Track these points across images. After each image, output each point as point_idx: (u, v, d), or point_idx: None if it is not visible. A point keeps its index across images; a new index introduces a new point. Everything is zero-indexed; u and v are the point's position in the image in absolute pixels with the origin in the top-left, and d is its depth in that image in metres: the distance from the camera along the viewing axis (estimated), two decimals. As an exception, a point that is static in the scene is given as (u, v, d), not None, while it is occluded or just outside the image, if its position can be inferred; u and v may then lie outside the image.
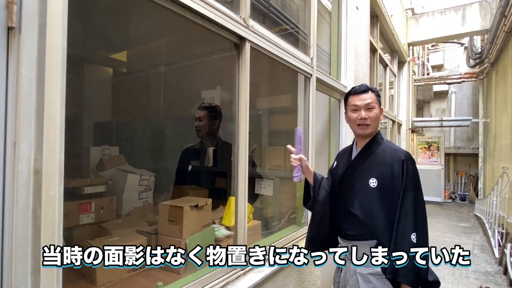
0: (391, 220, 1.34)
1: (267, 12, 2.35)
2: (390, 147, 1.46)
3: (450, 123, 8.57)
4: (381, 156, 1.42)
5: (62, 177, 0.80)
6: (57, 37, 0.78)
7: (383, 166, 1.38)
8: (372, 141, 1.47)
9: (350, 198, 1.44)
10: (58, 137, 0.78)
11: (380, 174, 1.38)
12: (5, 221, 0.71)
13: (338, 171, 1.55)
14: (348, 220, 1.44)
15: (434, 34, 6.81)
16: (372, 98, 1.44)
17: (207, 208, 1.69)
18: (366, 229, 1.38)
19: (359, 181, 1.43)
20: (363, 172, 1.43)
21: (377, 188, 1.37)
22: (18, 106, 0.72)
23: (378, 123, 1.47)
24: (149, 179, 2.28)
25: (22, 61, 0.72)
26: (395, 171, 1.35)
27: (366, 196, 1.39)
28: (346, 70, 3.04)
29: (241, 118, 1.58)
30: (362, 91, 1.46)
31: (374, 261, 1.26)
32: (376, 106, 1.44)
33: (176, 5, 1.20)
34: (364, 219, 1.38)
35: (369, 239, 1.39)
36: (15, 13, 0.71)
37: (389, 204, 1.35)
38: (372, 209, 1.37)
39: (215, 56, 2.84)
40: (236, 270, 1.53)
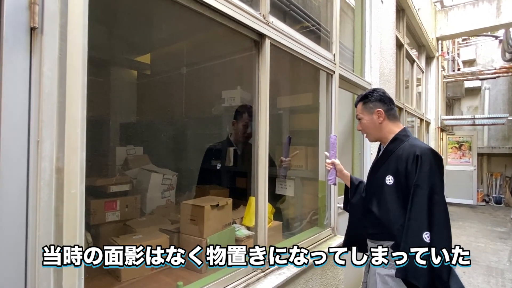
0: (406, 218, 1.32)
1: (288, 10, 2.31)
2: (410, 144, 1.42)
3: (484, 121, 8.06)
4: (399, 153, 1.42)
5: (84, 175, 0.80)
6: (78, 37, 0.79)
7: (399, 163, 1.38)
8: (394, 139, 1.48)
9: (370, 196, 1.47)
10: (79, 136, 0.79)
11: (396, 171, 1.38)
12: (29, 219, 0.72)
13: (369, 171, 1.61)
14: (368, 218, 1.47)
15: (466, 27, 6.43)
16: (359, 109, 1.55)
17: (228, 207, 1.68)
18: (384, 227, 1.38)
19: (378, 179, 1.46)
20: (384, 171, 1.45)
21: (393, 185, 1.37)
22: (41, 106, 0.73)
23: (375, 127, 1.51)
24: (171, 178, 2.32)
25: (44, 61, 0.73)
26: (408, 167, 1.34)
27: (383, 193, 1.40)
28: (370, 66, 2.93)
29: (261, 117, 1.55)
30: (355, 105, 1.59)
31: (392, 262, 1.25)
32: (363, 116, 1.53)
33: (196, 3, 1.19)
34: (381, 217, 1.39)
35: (388, 239, 1.38)
36: (37, 14, 0.72)
37: (403, 201, 1.33)
38: (388, 206, 1.36)
39: (235, 56, 2.84)
40: (256, 271, 1.50)
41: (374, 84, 2.94)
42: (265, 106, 1.56)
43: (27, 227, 0.72)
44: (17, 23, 0.70)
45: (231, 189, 2.13)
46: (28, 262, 0.72)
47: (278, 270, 1.61)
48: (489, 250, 4.74)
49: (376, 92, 1.55)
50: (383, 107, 1.51)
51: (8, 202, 0.69)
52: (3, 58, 0.68)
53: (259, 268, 1.51)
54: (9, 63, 0.69)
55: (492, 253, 4.63)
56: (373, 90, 1.56)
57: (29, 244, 0.72)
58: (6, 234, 0.69)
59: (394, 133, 1.49)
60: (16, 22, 0.70)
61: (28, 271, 0.72)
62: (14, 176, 0.70)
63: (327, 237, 2.19)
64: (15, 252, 0.70)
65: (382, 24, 3.09)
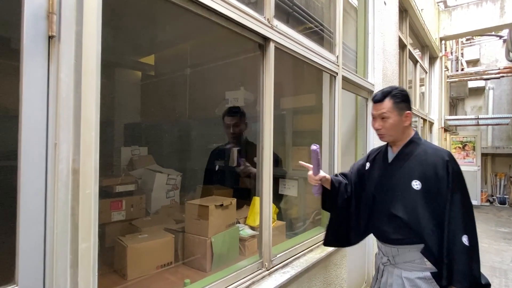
0: (437, 223, 1.30)
1: (291, 11, 2.34)
2: (431, 147, 1.42)
3: (488, 121, 8.03)
4: (423, 157, 1.38)
5: (98, 176, 0.84)
6: (92, 44, 0.83)
7: (426, 168, 1.35)
8: (410, 142, 1.45)
9: (392, 201, 1.40)
10: (94, 138, 0.82)
11: (424, 176, 1.34)
12: (47, 218, 0.75)
13: (374, 174, 1.53)
14: (391, 224, 1.40)
15: (469, 27, 6.41)
16: (387, 106, 1.41)
17: (232, 207, 1.70)
18: (412, 232, 1.34)
19: (401, 183, 1.39)
20: (405, 174, 1.39)
21: (421, 190, 1.33)
22: (58, 110, 0.76)
23: (398, 129, 1.42)
24: (176, 179, 2.35)
25: (62, 68, 0.77)
26: (439, 172, 1.31)
27: (410, 198, 1.35)
28: (373, 67, 2.95)
29: (265, 119, 1.58)
30: (377, 100, 1.44)
31: (423, 265, 1.29)
32: (391, 114, 1.40)
33: (202, 8, 1.22)
34: (410, 222, 1.34)
35: (415, 242, 1.35)
36: (55, 23, 0.75)
37: (434, 206, 1.31)
38: (417, 211, 1.33)
39: (238, 57, 2.86)
40: (261, 270, 1.53)
41: (377, 85, 2.96)
42: (270, 108, 1.59)
43: (45, 225, 0.75)
44: (36, 32, 0.74)
45: (234, 189, 2.16)
46: (47, 259, 0.75)
47: (282, 269, 1.64)
48: (493, 251, 4.73)
49: (404, 91, 1.46)
50: (410, 109, 1.46)
51: (28, 202, 0.73)
52: (24, 65, 0.72)
53: (264, 267, 1.55)
54: (29, 70, 0.73)
55: (496, 253, 4.62)
56: (398, 88, 1.46)
57: (47, 242, 0.75)
58: (27, 232, 0.72)
59: (410, 136, 1.46)
60: (35, 31, 0.74)
61: (46, 268, 0.76)
62: (34, 177, 0.73)
63: (330, 237, 2.21)
64: (35, 250, 0.74)
65: (385, 25, 3.11)
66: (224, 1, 1.28)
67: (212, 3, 1.23)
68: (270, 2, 1.58)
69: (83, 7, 0.81)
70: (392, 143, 1.49)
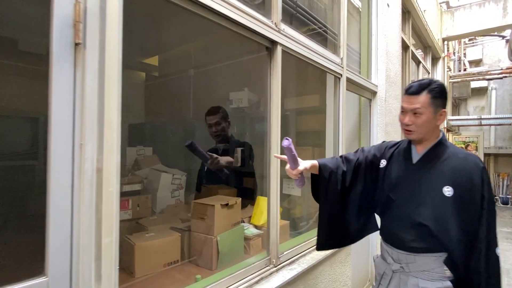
0: (465, 232, 1.21)
1: (294, 12, 2.38)
2: (461, 152, 1.31)
3: (491, 121, 8.04)
4: (455, 161, 1.27)
5: (119, 175, 0.89)
6: (114, 50, 0.88)
7: (459, 173, 1.24)
8: (439, 144, 1.32)
9: (417, 207, 1.28)
10: (116, 139, 0.87)
11: (456, 182, 1.23)
12: (74, 215, 0.80)
13: (392, 174, 1.38)
14: (413, 231, 1.28)
15: (472, 27, 6.44)
16: (423, 101, 1.25)
17: (237, 207, 1.73)
18: (437, 241, 1.24)
19: (429, 188, 1.27)
20: (435, 179, 1.27)
21: (452, 197, 1.23)
22: (84, 113, 0.81)
23: (430, 128, 1.28)
24: (181, 178, 2.38)
25: (87, 73, 0.82)
26: (474, 179, 1.22)
27: (440, 205, 1.24)
28: (377, 68, 2.99)
29: (273, 120, 1.63)
30: (413, 92, 1.27)
31: (443, 274, 1.23)
32: (426, 111, 1.25)
33: (214, 14, 1.27)
34: (438, 232, 1.23)
35: (437, 251, 1.26)
36: (81, 31, 0.81)
37: (464, 214, 1.22)
38: (446, 220, 1.23)
39: (242, 58, 2.90)
40: (269, 267, 1.58)
41: (380, 86, 3.00)
42: (277, 110, 1.63)
43: (72, 221, 0.80)
44: (64, 40, 0.79)
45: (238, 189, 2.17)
46: (73, 253, 0.80)
47: (289, 266, 1.68)
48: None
49: (443, 86, 1.30)
50: (445, 107, 1.30)
51: (57, 200, 0.78)
52: (53, 71, 0.77)
53: (272, 264, 1.59)
54: (57, 76, 0.78)
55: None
56: (437, 82, 1.30)
57: (74, 236, 0.80)
58: (56, 228, 0.77)
59: (438, 136, 1.34)
60: (62, 39, 0.79)
61: (73, 261, 0.81)
62: (62, 176, 0.78)
63: (335, 235, 2.25)
64: (63, 244, 0.79)
65: (388, 27, 3.14)
66: (234, 7, 1.33)
67: (224, 9, 1.27)
68: (277, 6, 1.63)
69: (106, 16, 0.86)
70: (418, 141, 1.34)
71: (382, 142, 1.56)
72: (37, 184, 1.98)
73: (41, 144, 2.07)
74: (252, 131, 2.92)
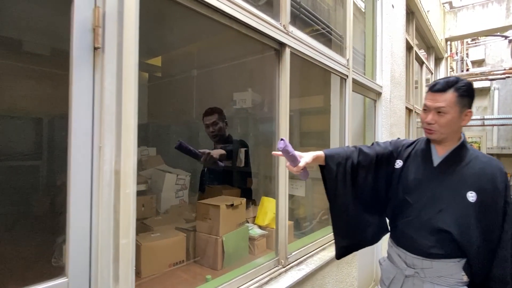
0: (485, 239, 1.17)
1: (298, 13, 2.39)
2: (483, 155, 1.26)
3: (494, 121, 8.03)
4: (478, 165, 1.21)
5: (136, 177, 0.90)
6: (131, 54, 0.89)
7: (483, 178, 1.19)
8: (461, 146, 1.25)
9: (439, 212, 1.22)
10: (133, 141, 0.89)
11: (480, 187, 1.18)
12: (93, 216, 0.82)
13: (409, 176, 1.30)
14: (433, 237, 1.22)
15: (475, 28, 6.43)
16: (449, 100, 1.17)
17: (242, 207, 1.74)
18: (458, 247, 1.19)
19: (452, 193, 1.21)
20: (458, 183, 1.21)
21: (475, 203, 1.17)
22: (102, 116, 0.83)
23: (453, 128, 1.21)
24: (185, 179, 2.39)
25: (105, 77, 0.83)
26: (498, 185, 1.17)
27: (464, 211, 1.18)
28: (381, 69, 2.99)
29: (281, 121, 1.64)
30: (438, 90, 1.19)
31: (460, 279, 1.19)
32: (451, 110, 1.17)
33: (225, 17, 1.28)
34: (460, 238, 1.18)
35: (456, 257, 1.21)
36: (100, 35, 0.82)
37: (487, 221, 1.17)
38: (469, 226, 1.17)
39: (246, 59, 2.91)
40: (278, 267, 1.59)
41: (385, 87, 3.00)
42: (285, 111, 1.64)
43: (91, 223, 0.82)
44: (84, 44, 0.80)
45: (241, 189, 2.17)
46: (92, 254, 0.82)
47: (297, 266, 1.70)
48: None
49: (471, 84, 1.22)
50: (471, 107, 1.23)
51: (76, 201, 0.79)
52: (73, 75, 0.78)
53: (281, 264, 1.60)
54: (77, 80, 0.79)
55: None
56: (464, 80, 1.21)
57: (93, 238, 0.82)
58: (76, 229, 0.79)
59: (460, 138, 1.27)
60: (82, 44, 0.80)
61: (92, 262, 0.82)
62: (82, 178, 0.80)
63: (341, 236, 2.26)
64: (82, 245, 0.80)
65: (392, 28, 3.15)
66: (244, 9, 1.34)
67: (234, 12, 1.29)
68: (286, 9, 1.64)
69: (123, 19, 0.87)
70: (438, 142, 1.26)
71: (397, 139, 1.47)
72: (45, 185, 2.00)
73: (52, 145, 2.10)
74: (256, 132, 2.93)
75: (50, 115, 2.22)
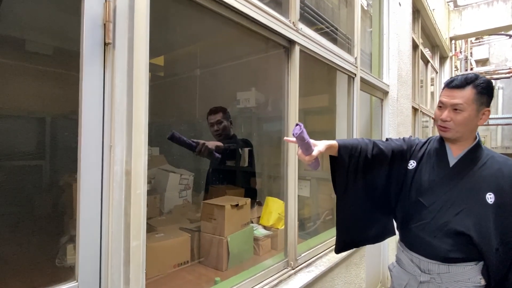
0: (503, 242, 1.14)
1: (302, 12, 2.36)
2: (498, 155, 1.23)
3: (498, 121, 7.98)
4: (495, 165, 1.18)
5: (146, 177, 0.87)
6: (142, 50, 0.86)
7: (502, 179, 1.15)
8: (477, 146, 1.21)
9: (457, 214, 1.17)
10: (143, 141, 0.86)
11: (499, 188, 1.14)
12: (103, 218, 0.79)
13: (423, 177, 1.25)
14: (450, 241, 1.18)
15: (480, 26, 6.37)
16: (466, 97, 1.13)
17: (246, 207, 1.71)
18: (477, 250, 1.15)
19: (470, 195, 1.17)
20: (476, 184, 1.17)
21: (495, 204, 1.13)
22: (113, 114, 0.80)
23: (469, 127, 1.17)
24: (188, 178, 2.37)
25: (116, 73, 0.80)
26: None
27: (483, 214, 1.14)
28: (388, 68, 2.96)
29: (290, 120, 1.61)
30: (456, 86, 1.14)
31: (478, 283, 1.15)
32: (468, 107, 1.13)
33: (235, 13, 1.25)
34: (481, 241, 1.14)
35: (473, 260, 1.18)
36: (111, 31, 0.79)
37: (506, 222, 1.14)
38: (489, 229, 1.14)
39: (250, 58, 2.88)
40: (287, 269, 1.56)
41: (392, 85, 2.97)
42: (295, 110, 1.61)
43: (101, 225, 0.79)
44: (94, 39, 0.77)
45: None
46: (103, 257, 0.79)
47: (306, 268, 1.67)
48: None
49: (490, 82, 1.17)
50: (489, 106, 1.18)
51: (87, 203, 0.76)
52: (84, 71, 0.76)
53: (290, 266, 1.57)
54: (87, 76, 0.76)
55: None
56: (483, 77, 1.17)
57: (103, 240, 0.79)
58: (86, 232, 0.76)
59: (475, 138, 1.23)
60: (93, 39, 0.77)
61: (102, 265, 0.79)
62: (92, 179, 0.77)
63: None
64: (92, 248, 0.77)
65: (399, 26, 3.11)
66: (254, 5, 1.31)
67: (245, 8, 1.26)
68: (295, 6, 1.61)
69: (134, 14, 0.84)
70: (453, 141, 1.22)
71: (409, 137, 1.41)
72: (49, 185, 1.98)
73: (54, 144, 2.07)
74: (259, 131, 2.91)
75: (55, 114, 2.20)
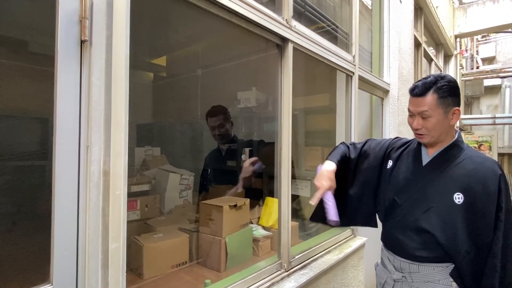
0: (473, 244, 1.12)
1: (303, 10, 2.32)
2: (478, 155, 1.20)
3: (505, 120, 7.82)
4: (469, 165, 1.16)
5: (126, 178, 0.85)
6: (121, 47, 0.84)
7: (472, 179, 1.13)
8: (453, 145, 1.21)
9: (423, 213, 1.19)
10: (123, 140, 0.84)
11: (469, 189, 1.13)
12: (80, 219, 0.77)
13: (398, 176, 1.29)
14: (419, 239, 1.19)
15: (485, 24, 6.27)
16: (430, 103, 1.13)
17: (245, 208, 1.70)
18: (444, 251, 1.16)
19: (438, 194, 1.18)
20: (445, 184, 1.17)
21: (462, 205, 1.12)
22: (90, 113, 0.78)
23: (443, 129, 1.18)
24: (189, 179, 2.36)
25: (93, 71, 0.78)
26: (489, 187, 1.11)
27: (450, 213, 1.14)
28: (389, 66, 2.91)
29: (283, 119, 1.58)
30: (417, 94, 1.16)
31: (449, 285, 1.15)
32: (434, 113, 1.14)
33: (223, 10, 1.23)
34: (445, 241, 1.14)
35: (443, 261, 1.18)
36: (87, 27, 0.77)
37: (476, 225, 1.11)
38: (455, 229, 1.13)
39: (250, 58, 2.86)
40: (280, 271, 1.53)
41: (392, 84, 2.92)
42: (288, 109, 1.58)
43: (78, 226, 0.77)
44: (69, 36, 0.75)
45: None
46: (79, 259, 0.77)
47: (300, 270, 1.63)
48: None
49: (452, 82, 1.16)
50: (458, 105, 1.18)
51: (62, 203, 0.74)
52: (58, 69, 0.74)
53: (283, 268, 1.55)
54: (62, 74, 0.75)
55: None
56: (445, 78, 1.16)
57: (80, 242, 0.77)
58: (61, 233, 0.74)
59: (453, 137, 1.23)
60: (68, 36, 0.75)
61: (79, 268, 0.77)
62: (68, 179, 0.75)
63: (347, 238, 2.20)
64: (68, 250, 0.75)
65: (400, 24, 3.06)
66: (244, 2, 1.28)
67: (233, 4, 1.23)
68: (288, 2, 1.58)
69: (113, 12, 0.82)
70: (432, 144, 1.25)
71: (394, 138, 1.47)
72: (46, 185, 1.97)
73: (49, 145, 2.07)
74: (260, 131, 2.89)
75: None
